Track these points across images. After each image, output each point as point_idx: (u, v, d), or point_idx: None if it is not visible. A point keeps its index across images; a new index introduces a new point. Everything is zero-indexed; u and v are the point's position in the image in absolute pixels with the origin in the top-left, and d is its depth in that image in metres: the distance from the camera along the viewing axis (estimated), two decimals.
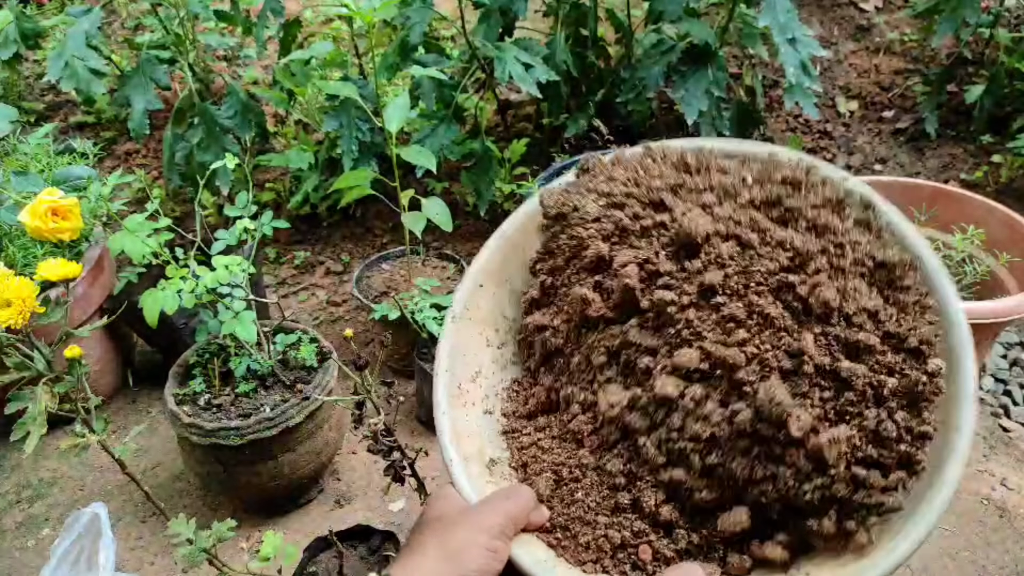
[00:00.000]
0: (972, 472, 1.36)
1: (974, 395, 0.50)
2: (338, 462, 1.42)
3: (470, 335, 0.67)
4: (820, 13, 2.42)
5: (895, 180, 1.53)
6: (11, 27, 1.77)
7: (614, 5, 2.01)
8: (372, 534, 1.12)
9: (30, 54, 2.56)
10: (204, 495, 1.37)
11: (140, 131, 1.75)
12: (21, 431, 0.80)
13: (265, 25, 1.88)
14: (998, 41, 2.08)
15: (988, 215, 1.41)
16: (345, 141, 1.65)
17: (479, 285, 0.68)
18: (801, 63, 1.62)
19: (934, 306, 0.54)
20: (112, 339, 1.58)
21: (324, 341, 1.32)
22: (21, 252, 1.43)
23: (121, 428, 1.53)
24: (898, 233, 0.57)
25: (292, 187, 2.10)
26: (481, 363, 0.67)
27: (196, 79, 1.82)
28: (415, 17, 1.63)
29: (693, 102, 1.65)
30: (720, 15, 1.83)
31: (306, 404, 1.19)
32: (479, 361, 0.67)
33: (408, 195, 1.41)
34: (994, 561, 1.20)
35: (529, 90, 1.59)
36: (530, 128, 2.21)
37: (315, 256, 2.04)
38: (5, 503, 1.38)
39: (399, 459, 0.93)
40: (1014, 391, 1.53)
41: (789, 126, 2.23)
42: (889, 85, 2.29)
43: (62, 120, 2.41)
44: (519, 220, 0.70)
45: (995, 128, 2.09)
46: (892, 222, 0.57)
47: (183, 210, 2.09)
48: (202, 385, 1.23)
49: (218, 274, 1.15)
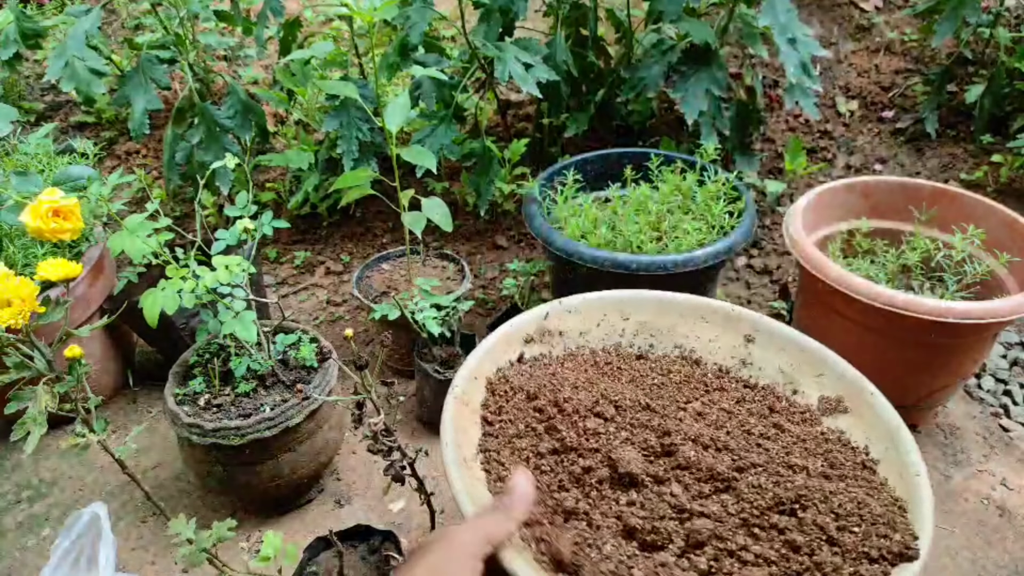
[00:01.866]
0: (972, 472, 1.36)
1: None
2: (338, 462, 1.42)
3: (466, 416, 0.74)
4: (820, 13, 2.42)
5: (895, 180, 1.53)
6: (11, 27, 1.77)
7: (614, 5, 2.01)
8: (372, 534, 1.12)
9: (30, 54, 2.56)
10: (204, 495, 1.37)
11: (140, 131, 1.75)
12: (21, 431, 0.81)
13: (265, 25, 1.88)
14: (998, 41, 2.08)
15: (988, 215, 1.41)
16: (345, 141, 1.65)
17: (474, 378, 0.77)
18: (801, 63, 1.62)
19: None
20: (112, 339, 1.58)
21: (324, 341, 1.32)
22: (21, 252, 1.43)
23: (121, 428, 1.53)
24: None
25: (292, 187, 2.10)
26: (476, 443, 0.74)
27: (196, 79, 1.82)
28: (415, 17, 1.63)
29: (693, 102, 1.65)
30: (720, 15, 1.83)
31: (306, 404, 1.19)
32: (474, 441, 0.73)
33: (408, 195, 1.41)
34: (994, 561, 1.20)
35: (529, 90, 1.59)
36: (530, 128, 2.21)
37: (315, 256, 2.04)
38: (5, 503, 1.38)
39: (399, 459, 0.93)
40: (1014, 391, 1.53)
41: (789, 126, 2.23)
42: (889, 85, 2.29)
43: (62, 120, 2.41)
44: (502, 335, 0.80)
45: (995, 128, 2.09)
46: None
47: (183, 210, 2.09)
48: (202, 385, 1.23)
49: (218, 274, 1.15)
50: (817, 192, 1.48)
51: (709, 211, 1.44)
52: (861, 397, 0.80)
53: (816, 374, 0.83)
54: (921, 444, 1.42)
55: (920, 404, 1.37)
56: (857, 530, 0.64)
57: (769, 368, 0.85)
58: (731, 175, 1.49)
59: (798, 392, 0.83)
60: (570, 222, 1.45)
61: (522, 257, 1.98)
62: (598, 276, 1.36)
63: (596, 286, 1.43)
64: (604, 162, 1.65)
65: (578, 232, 1.43)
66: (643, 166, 1.58)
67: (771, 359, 0.86)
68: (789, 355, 0.85)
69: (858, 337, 1.31)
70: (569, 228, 1.44)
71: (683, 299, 0.89)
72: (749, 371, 0.85)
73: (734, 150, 1.86)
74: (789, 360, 0.85)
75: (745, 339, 0.87)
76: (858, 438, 0.78)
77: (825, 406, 0.81)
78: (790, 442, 0.74)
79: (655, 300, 0.88)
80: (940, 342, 1.24)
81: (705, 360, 0.87)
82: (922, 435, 1.44)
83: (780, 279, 1.88)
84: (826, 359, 0.83)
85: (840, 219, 1.54)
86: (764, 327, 0.87)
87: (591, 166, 1.64)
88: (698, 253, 1.31)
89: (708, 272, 1.39)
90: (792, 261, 1.91)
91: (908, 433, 0.75)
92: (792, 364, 0.85)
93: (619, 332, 0.87)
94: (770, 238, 2.00)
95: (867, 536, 0.63)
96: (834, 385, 0.82)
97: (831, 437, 0.77)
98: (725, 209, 1.43)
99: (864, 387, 0.80)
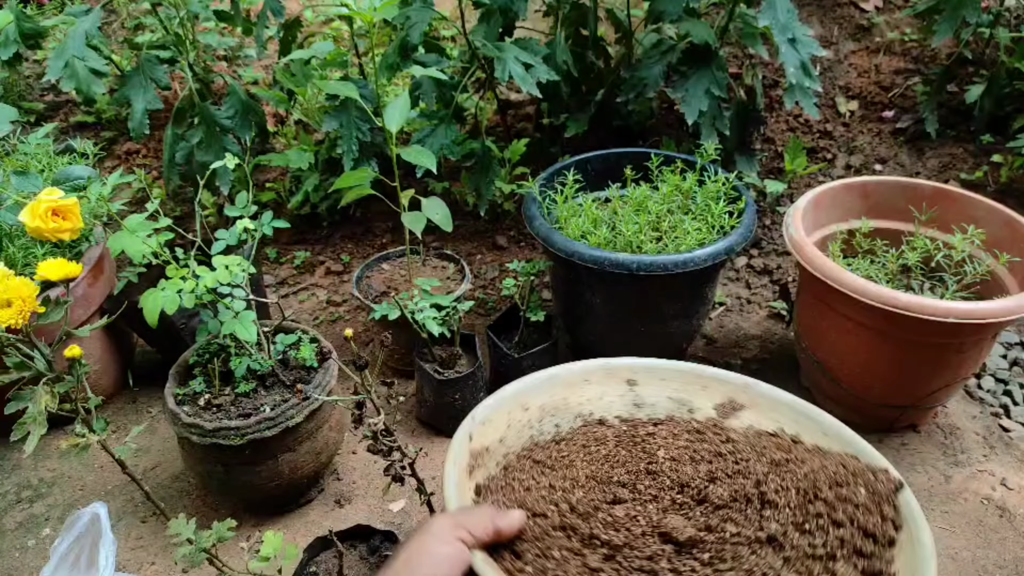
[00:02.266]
0: (972, 472, 1.36)
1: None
2: (338, 462, 1.42)
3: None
4: (820, 13, 2.42)
5: (895, 180, 1.53)
6: (11, 27, 1.77)
7: (614, 5, 2.01)
8: (372, 534, 1.12)
9: (30, 54, 2.56)
10: (204, 495, 1.37)
11: (140, 131, 1.75)
12: (21, 431, 0.81)
13: (265, 25, 1.89)
14: (998, 41, 2.08)
15: (988, 215, 1.41)
16: (345, 141, 1.65)
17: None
18: (801, 63, 1.62)
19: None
20: (112, 339, 1.58)
21: (324, 341, 1.32)
22: (21, 252, 1.43)
23: (121, 428, 1.53)
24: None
25: (292, 187, 2.10)
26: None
27: (196, 79, 1.82)
28: (415, 17, 1.63)
29: (693, 102, 1.65)
30: (720, 15, 1.83)
31: (306, 404, 1.19)
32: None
33: (408, 195, 1.41)
34: (994, 561, 1.20)
35: (529, 90, 1.59)
36: (530, 128, 2.21)
37: (315, 256, 2.04)
38: (5, 503, 1.38)
39: (399, 459, 0.93)
40: (1014, 391, 1.53)
41: (789, 126, 2.23)
42: (889, 85, 2.29)
43: (62, 120, 2.41)
44: (452, 481, 0.74)
45: (995, 128, 2.09)
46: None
47: (183, 210, 2.09)
48: (202, 385, 1.23)
49: (218, 274, 1.15)
50: (817, 192, 1.48)
51: (709, 211, 1.44)
52: (747, 392, 0.85)
53: (702, 387, 0.87)
54: (921, 444, 1.42)
55: (920, 404, 1.37)
56: (845, 489, 0.69)
57: (661, 401, 0.87)
58: (731, 175, 1.49)
59: (694, 411, 0.86)
60: (570, 222, 1.45)
61: (522, 257, 1.98)
62: (598, 276, 1.36)
63: (596, 286, 1.44)
64: (604, 162, 1.65)
65: (578, 232, 1.43)
66: (643, 166, 1.58)
67: (658, 392, 0.88)
68: (671, 382, 0.88)
69: (858, 337, 1.31)
70: (569, 228, 1.44)
71: (563, 370, 0.88)
72: (646, 411, 0.87)
73: (734, 150, 1.86)
74: (673, 386, 0.88)
75: (628, 384, 0.88)
76: (768, 425, 0.82)
77: (723, 411, 0.85)
78: (739, 454, 0.76)
79: (544, 379, 0.86)
80: (941, 342, 1.24)
81: (607, 418, 0.86)
82: (922, 435, 1.44)
83: (780, 279, 1.88)
84: (703, 372, 0.87)
85: (840, 219, 1.54)
86: (640, 367, 0.89)
87: (591, 166, 1.64)
88: (698, 253, 1.31)
89: (708, 272, 1.39)
90: (792, 261, 1.91)
91: (795, 397, 0.82)
92: (677, 388, 0.87)
93: (528, 424, 0.84)
94: (770, 238, 2.00)
95: (855, 487, 0.68)
96: (721, 390, 0.86)
97: (750, 434, 0.80)
98: (725, 209, 1.43)
99: (746, 382, 0.85)
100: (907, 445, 1.42)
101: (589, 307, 1.47)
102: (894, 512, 0.68)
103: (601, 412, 0.86)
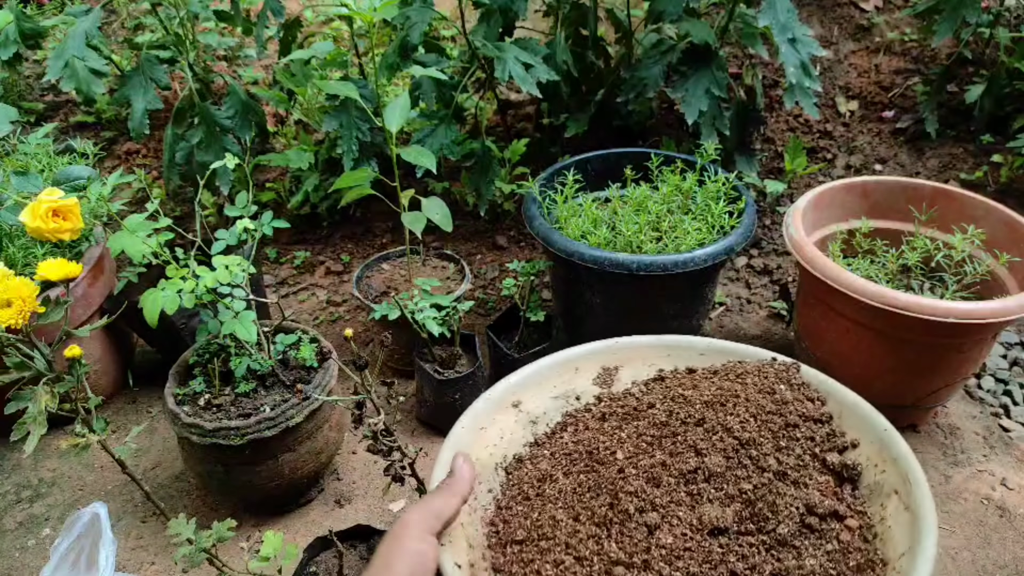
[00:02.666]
0: (972, 472, 1.36)
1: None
2: (338, 462, 1.42)
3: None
4: (820, 13, 2.42)
5: (895, 180, 1.53)
6: (11, 27, 1.77)
7: (614, 5, 2.01)
8: (372, 534, 1.12)
9: (30, 54, 2.56)
10: (204, 495, 1.37)
11: (140, 131, 1.75)
12: (21, 431, 0.81)
13: (265, 25, 1.89)
14: (998, 41, 2.08)
15: (988, 215, 1.41)
16: (345, 141, 1.65)
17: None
18: (801, 63, 1.62)
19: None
20: (112, 339, 1.58)
21: (324, 341, 1.32)
22: (21, 252, 1.43)
23: (121, 428, 1.53)
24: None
25: (292, 187, 2.10)
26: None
27: (196, 79, 1.82)
28: (415, 17, 1.63)
29: (693, 102, 1.65)
30: (720, 15, 1.83)
31: (306, 404, 1.19)
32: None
33: (408, 195, 1.41)
34: (994, 561, 1.20)
35: (529, 90, 1.59)
36: (530, 128, 2.21)
37: (315, 256, 2.04)
38: (5, 503, 1.38)
39: (399, 459, 0.93)
40: (1014, 391, 1.54)
41: (789, 126, 2.23)
42: (889, 85, 2.29)
43: (62, 120, 2.41)
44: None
45: (995, 128, 2.09)
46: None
47: (183, 210, 2.09)
48: (202, 385, 1.23)
49: (218, 274, 1.15)
50: (817, 192, 1.48)
51: (709, 211, 1.44)
52: (615, 353, 0.84)
53: (575, 371, 0.84)
54: (921, 444, 1.42)
55: (920, 404, 1.37)
56: (777, 395, 0.71)
57: (548, 404, 0.82)
58: (731, 175, 1.49)
59: (580, 396, 0.83)
60: (570, 222, 1.45)
61: (522, 257, 1.98)
62: (598, 276, 1.36)
63: (596, 286, 1.44)
64: (604, 162, 1.65)
65: (578, 232, 1.43)
66: (643, 166, 1.58)
67: (540, 399, 0.82)
68: (548, 383, 0.83)
69: (858, 337, 1.31)
70: (569, 228, 1.44)
71: (468, 418, 0.80)
72: (543, 424, 0.81)
73: (734, 150, 1.86)
74: (552, 384, 0.83)
75: (515, 407, 0.82)
76: (648, 372, 0.83)
77: (604, 381, 0.84)
78: (677, 412, 0.75)
79: (533, 371, 0.83)
80: (941, 342, 1.24)
81: (521, 454, 0.79)
82: (922, 435, 1.44)
83: (780, 279, 1.88)
84: (568, 356, 0.84)
85: (840, 219, 1.54)
86: (515, 383, 0.82)
87: (591, 166, 1.64)
88: (698, 253, 1.31)
89: (708, 272, 1.39)
90: (792, 261, 1.91)
91: (653, 336, 0.83)
92: (556, 385, 0.83)
93: (524, 425, 0.81)
94: (770, 238, 2.00)
95: (776, 387, 0.72)
96: (591, 362, 0.85)
97: (723, 386, 0.77)
98: (725, 209, 1.44)
99: (607, 344, 0.85)
100: None
101: (589, 307, 1.47)
102: (810, 390, 0.73)
103: (513, 451, 0.78)
